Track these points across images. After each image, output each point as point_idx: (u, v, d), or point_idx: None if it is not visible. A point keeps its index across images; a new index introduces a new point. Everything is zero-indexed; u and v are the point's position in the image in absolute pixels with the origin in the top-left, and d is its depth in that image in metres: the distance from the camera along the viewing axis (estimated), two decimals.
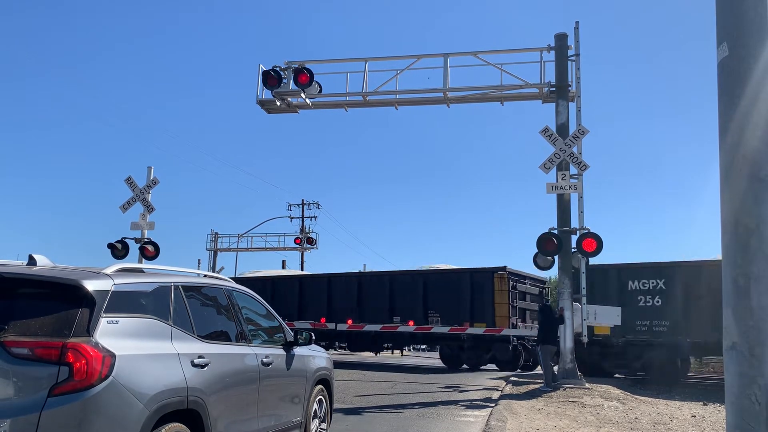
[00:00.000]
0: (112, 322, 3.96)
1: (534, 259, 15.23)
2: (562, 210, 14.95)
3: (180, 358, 4.41)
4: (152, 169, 18.05)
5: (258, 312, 6.28)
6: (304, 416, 6.45)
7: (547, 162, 14.50)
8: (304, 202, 40.95)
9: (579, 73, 15.29)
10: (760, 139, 3.42)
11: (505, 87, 16.23)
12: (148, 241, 17.67)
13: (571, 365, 14.38)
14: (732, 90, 3.52)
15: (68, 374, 3.60)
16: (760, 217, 3.37)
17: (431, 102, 17.24)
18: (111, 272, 4.26)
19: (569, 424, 9.39)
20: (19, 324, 3.72)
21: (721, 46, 3.60)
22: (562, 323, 14.33)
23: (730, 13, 3.57)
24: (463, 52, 16.66)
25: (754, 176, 3.40)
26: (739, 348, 3.35)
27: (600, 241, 13.94)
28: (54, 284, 3.96)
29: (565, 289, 14.60)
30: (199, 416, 4.46)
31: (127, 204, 17.83)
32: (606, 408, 11.25)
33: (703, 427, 9.60)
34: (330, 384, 7.36)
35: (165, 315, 4.50)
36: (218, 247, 39.63)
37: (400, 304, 22.08)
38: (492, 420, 9.41)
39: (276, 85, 16.67)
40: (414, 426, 9.19)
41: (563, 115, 15.27)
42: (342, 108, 17.71)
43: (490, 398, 12.74)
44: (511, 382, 15.84)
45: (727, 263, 3.47)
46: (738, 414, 3.34)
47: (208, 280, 5.78)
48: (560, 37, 15.56)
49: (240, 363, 5.26)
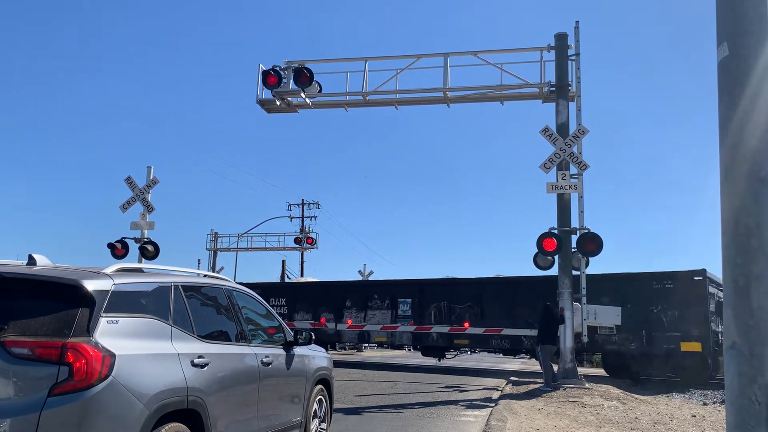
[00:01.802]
0: (112, 321, 3.96)
1: (534, 258, 15.25)
2: (562, 210, 14.95)
3: (180, 357, 4.41)
4: (152, 169, 18.06)
5: (258, 312, 6.28)
6: (304, 416, 6.45)
7: (547, 162, 14.51)
8: (304, 202, 40.98)
9: (579, 72, 15.29)
10: (760, 139, 3.42)
11: (505, 87, 16.23)
12: (148, 241, 17.67)
13: (571, 365, 14.38)
14: (732, 90, 3.52)
15: (68, 374, 3.60)
16: (760, 217, 3.37)
17: (431, 102, 17.24)
18: (111, 272, 4.27)
19: (569, 424, 9.39)
20: (19, 324, 3.72)
21: (721, 46, 3.60)
22: (562, 323, 14.33)
23: (730, 13, 3.57)
24: (463, 52, 16.67)
25: (754, 176, 3.40)
26: (739, 348, 3.34)
27: (600, 241, 13.95)
28: (54, 284, 3.96)
29: (565, 289, 14.59)
30: (199, 416, 4.46)
31: (127, 204, 17.83)
32: (606, 408, 11.25)
33: (703, 426, 9.60)
34: (330, 384, 7.36)
35: (165, 315, 4.51)
36: (218, 247, 39.60)
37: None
38: (492, 420, 9.42)
39: (276, 85, 16.67)
40: (414, 426, 9.19)
41: (563, 114, 15.27)
42: (342, 108, 17.71)
43: (490, 398, 12.75)
44: (511, 382, 15.85)
45: (727, 263, 3.47)
46: (738, 413, 3.34)
47: (208, 279, 5.78)
48: (560, 37, 15.56)
49: (240, 363, 5.26)
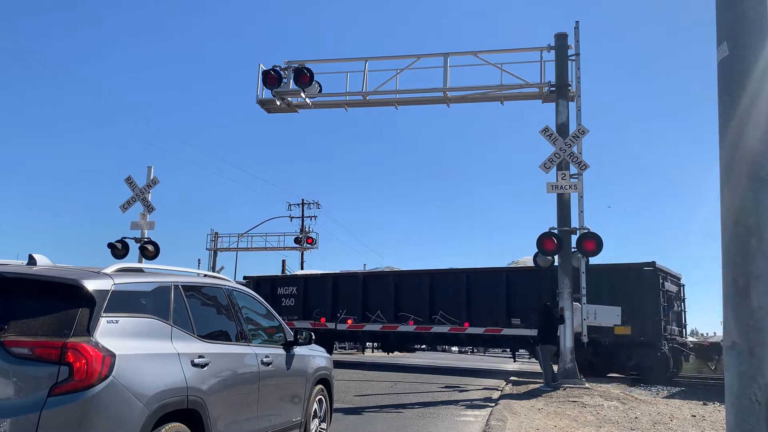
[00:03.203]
0: (112, 321, 3.96)
1: (534, 258, 15.27)
2: (562, 209, 14.95)
3: (180, 357, 4.41)
4: (152, 169, 18.07)
5: (258, 312, 6.28)
6: (304, 416, 6.45)
7: (547, 161, 14.51)
8: (304, 202, 41.00)
9: (579, 72, 15.29)
10: (760, 139, 3.42)
11: (505, 87, 16.23)
12: (148, 241, 17.67)
13: (571, 365, 14.38)
14: (732, 90, 3.51)
15: (68, 374, 3.60)
16: (760, 216, 3.36)
17: (431, 102, 17.24)
18: (111, 272, 4.26)
19: (569, 424, 9.39)
20: (19, 324, 3.72)
21: (721, 46, 3.59)
22: (562, 323, 14.33)
23: (730, 13, 3.57)
24: (463, 52, 16.66)
25: (754, 176, 3.40)
26: (739, 348, 3.34)
27: (600, 241, 13.95)
28: (54, 284, 3.96)
29: (565, 289, 14.59)
30: (199, 416, 4.46)
31: (127, 204, 17.83)
32: (606, 408, 11.24)
33: (703, 426, 9.59)
34: (330, 384, 7.36)
35: (165, 315, 4.50)
36: (218, 246, 39.66)
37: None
38: (492, 420, 9.41)
39: (276, 85, 16.68)
40: (414, 426, 9.19)
41: (563, 114, 15.27)
42: (342, 108, 17.70)
43: (490, 398, 12.75)
44: (511, 382, 15.85)
45: (727, 263, 3.46)
46: (738, 414, 3.33)
47: (208, 279, 5.78)
48: (560, 37, 15.56)
49: (240, 363, 5.26)
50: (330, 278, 24.54)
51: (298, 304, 24.03)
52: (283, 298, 24.26)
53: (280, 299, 24.07)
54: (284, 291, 24.58)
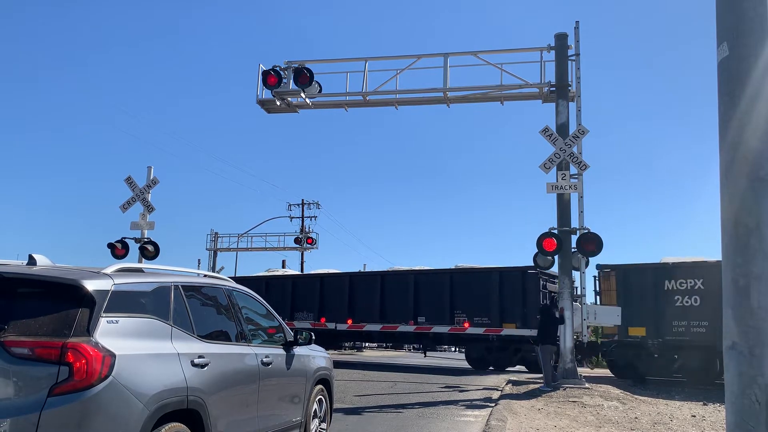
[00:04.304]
0: (112, 321, 3.96)
1: (534, 258, 15.27)
2: (562, 210, 14.96)
3: (180, 357, 4.41)
4: (152, 169, 18.07)
5: (258, 312, 6.28)
6: (304, 416, 6.45)
7: (547, 162, 14.52)
8: (304, 202, 40.97)
9: (579, 72, 15.30)
10: (760, 139, 3.42)
11: (505, 87, 16.24)
12: (148, 241, 17.68)
13: (571, 365, 14.39)
14: (732, 90, 3.52)
15: (68, 374, 3.60)
16: (760, 216, 3.37)
17: (431, 102, 17.25)
18: (111, 272, 4.26)
19: (569, 424, 9.40)
20: (19, 324, 3.72)
21: (721, 46, 3.60)
22: (562, 323, 14.34)
23: (730, 13, 3.57)
24: (463, 52, 16.67)
25: (754, 176, 3.40)
26: (739, 348, 3.35)
27: (600, 241, 13.96)
28: (54, 284, 3.96)
29: (565, 289, 14.60)
30: (199, 416, 4.46)
31: (127, 204, 17.84)
32: (606, 408, 11.25)
33: (703, 426, 9.60)
34: (330, 384, 7.36)
35: (165, 315, 4.50)
36: (218, 246, 39.64)
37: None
38: (492, 420, 9.41)
39: (276, 85, 16.68)
40: (414, 426, 9.19)
41: (563, 114, 15.28)
42: (342, 108, 17.71)
43: (490, 398, 12.74)
44: (511, 382, 15.84)
45: (727, 263, 3.47)
46: (738, 414, 3.34)
47: (208, 279, 5.78)
48: (560, 37, 15.57)
49: (240, 363, 5.26)
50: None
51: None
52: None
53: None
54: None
